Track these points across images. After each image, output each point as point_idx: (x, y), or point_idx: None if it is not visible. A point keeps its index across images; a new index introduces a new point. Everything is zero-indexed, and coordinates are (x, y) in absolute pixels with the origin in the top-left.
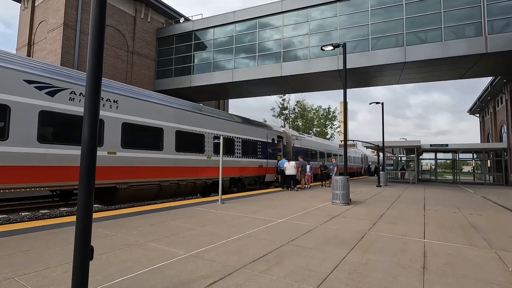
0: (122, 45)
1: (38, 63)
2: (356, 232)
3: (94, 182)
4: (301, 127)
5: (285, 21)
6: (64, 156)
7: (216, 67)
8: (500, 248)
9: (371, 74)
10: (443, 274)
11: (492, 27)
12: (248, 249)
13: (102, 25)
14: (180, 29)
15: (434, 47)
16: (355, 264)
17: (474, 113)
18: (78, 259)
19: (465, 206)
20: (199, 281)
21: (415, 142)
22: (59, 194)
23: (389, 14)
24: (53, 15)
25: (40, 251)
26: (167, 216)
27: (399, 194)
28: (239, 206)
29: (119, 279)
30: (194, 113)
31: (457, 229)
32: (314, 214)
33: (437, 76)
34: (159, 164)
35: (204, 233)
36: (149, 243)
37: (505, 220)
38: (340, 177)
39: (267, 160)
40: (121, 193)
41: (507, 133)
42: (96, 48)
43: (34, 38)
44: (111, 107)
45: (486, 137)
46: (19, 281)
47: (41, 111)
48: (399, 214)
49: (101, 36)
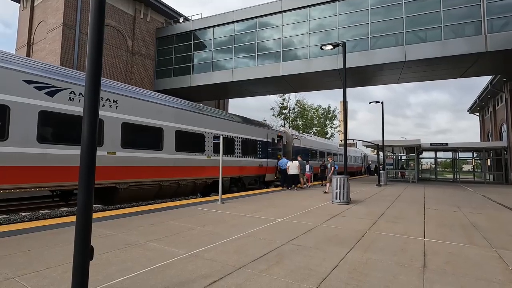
0: (122, 45)
1: (38, 63)
2: (356, 231)
3: (94, 182)
4: (301, 126)
5: (284, 20)
6: (64, 156)
7: (216, 67)
8: (500, 246)
9: (370, 73)
10: (443, 273)
11: (491, 26)
12: (248, 249)
13: (101, 25)
14: (179, 29)
15: (434, 46)
16: (355, 263)
17: (474, 112)
18: (78, 259)
19: (465, 205)
20: (199, 280)
21: (415, 141)
22: (59, 194)
23: (388, 13)
24: (53, 15)
25: (40, 251)
26: (167, 216)
27: (399, 193)
28: (239, 205)
29: (120, 278)
30: (194, 113)
31: (457, 228)
32: (314, 214)
33: (436, 75)
34: (159, 164)
35: (204, 232)
36: (149, 243)
37: (505, 218)
38: (340, 177)
39: (267, 160)
40: (121, 193)
41: (507, 132)
42: (96, 48)
43: (33, 38)
44: (110, 107)
45: (486, 136)
46: (19, 281)
47: (40, 111)
48: (399, 213)
49: (100, 36)
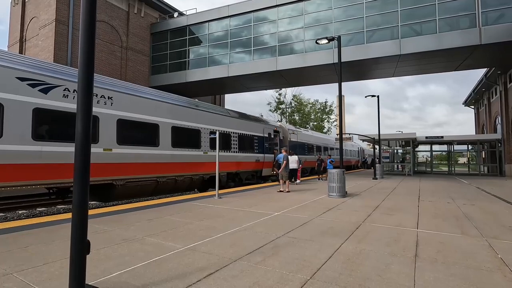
0: (116, 40)
1: (31, 60)
2: (351, 223)
3: (89, 175)
4: (297, 121)
5: (280, 15)
6: (59, 153)
7: (212, 62)
8: (491, 236)
9: (366, 67)
10: (434, 262)
11: (486, 19)
12: (244, 242)
13: (93, 19)
14: (174, 24)
15: (429, 39)
16: (349, 254)
17: (469, 105)
18: (75, 253)
19: (459, 196)
20: (196, 273)
21: (410, 134)
22: (56, 192)
23: (384, 7)
24: (45, 11)
25: (38, 247)
26: (164, 211)
27: (395, 186)
28: (236, 200)
29: (117, 272)
30: (190, 109)
31: (450, 219)
32: (310, 207)
33: (432, 68)
34: (155, 160)
35: (201, 227)
36: (147, 238)
37: (497, 209)
38: (336, 170)
39: (264, 155)
40: (118, 190)
41: (501, 124)
42: (88, 43)
43: (26, 35)
44: (105, 104)
45: (481, 128)
46: (17, 276)
47: (35, 109)
48: (394, 205)
49: (92, 31)
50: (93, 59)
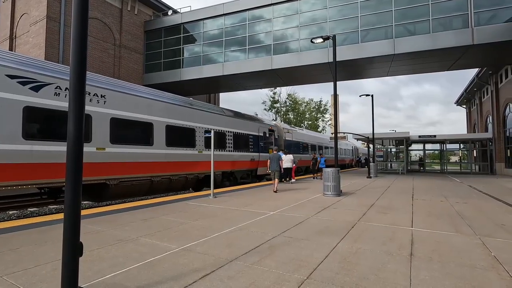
0: (109, 38)
1: (21, 58)
2: (346, 222)
3: (82, 175)
4: (292, 120)
5: (275, 13)
6: (51, 152)
7: (206, 61)
8: (484, 234)
9: (361, 66)
10: (429, 261)
11: (478, 19)
12: (240, 242)
13: (85, 16)
14: (168, 21)
15: (423, 39)
16: (345, 253)
17: (461, 104)
18: (67, 255)
19: (452, 195)
20: (191, 274)
21: (404, 133)
22: (47, 192)
23: (378, 7)
24: (35, 7)
25: (29, 249)
26: (159, 211)
27: (389, 184)
28: (231, 199)
29: (111, 274)
30: (185, 107)
31: (444, 217)
32: (306, 206)
33: (425, 67)
34: (149, 159)
35: (196, 227)
36: (141, 238)
37: (489, 207)
38: (331, 169)
39: (259, 154)
40: (111, 189)
41: (492, 123)
42: (80, 40)
43: (16, 32)
44: (98, 102)
45: (472, 127)
46: (7, 279)
47: (25, 107)
48: (389, 204)
49: (84, 27)
50: (85, 57)
